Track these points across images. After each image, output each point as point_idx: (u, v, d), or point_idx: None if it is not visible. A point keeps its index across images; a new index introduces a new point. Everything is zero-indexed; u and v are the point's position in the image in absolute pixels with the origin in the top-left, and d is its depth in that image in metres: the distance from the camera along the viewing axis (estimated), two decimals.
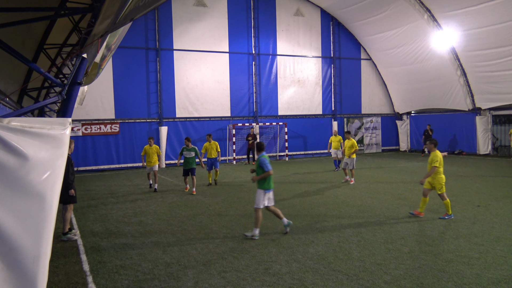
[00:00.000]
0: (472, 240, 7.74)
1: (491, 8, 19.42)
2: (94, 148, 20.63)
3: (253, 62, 24.50)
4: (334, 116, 26.90)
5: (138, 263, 6.94)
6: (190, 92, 22.91)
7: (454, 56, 23.15)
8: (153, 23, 21.96)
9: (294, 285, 5.84)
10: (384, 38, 25.62)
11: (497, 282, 5.77)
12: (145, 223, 9.68)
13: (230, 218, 9.99)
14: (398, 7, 23.06)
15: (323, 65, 26.64)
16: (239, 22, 24.06)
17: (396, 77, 27.44)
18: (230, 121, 23.87)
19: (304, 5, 25.82)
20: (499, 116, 23.84)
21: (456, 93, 24.42)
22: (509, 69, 20.96)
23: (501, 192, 12.53)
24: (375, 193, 12.91)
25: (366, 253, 7.13)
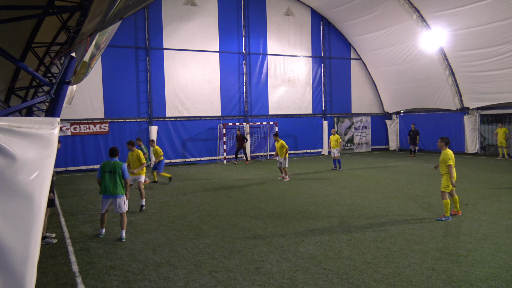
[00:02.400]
0: (460, 238, 7.83)
1: (479, 8, 19.65)
2: (83, 148, 20.45)
3: (244, 62, 24.49)
4: (324, 116, 27.01)
5: (128, 263, 6.90)
6: (180, 91, 22.82)
7: (442, 56, 23.38)
8: (143, 22, 21.83)
9: (285, 284, 5.85)
10: (373, 38, 25.78)
11: (485, 279, 5.84)
12: (135, 223, 9.62)
13: (221, 218, 9.98)
14: (387, 7, 23.22)
15: (313, 64, 26.73)
16: (230, 21, 24.03)
17: (385, 76, 27.64)
18: (221, 120, 23.83)
19: (294, 5, 25.87)
20: (487, 115, 24.14)
21: (445, 92, 24.67)
22: (496, 69, 21.23)
23: (488, 191, 12.70)
24: (365, 192, 12.99)
25: (356, 251, 7.17)
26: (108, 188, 8.29)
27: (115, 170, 8.33)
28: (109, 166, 8.39)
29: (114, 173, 8.30)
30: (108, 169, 8.35)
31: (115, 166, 8.38)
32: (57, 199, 12.90)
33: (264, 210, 10.75)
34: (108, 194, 8.34)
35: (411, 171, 17.75)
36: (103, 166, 8.44)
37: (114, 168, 8.36)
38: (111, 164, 8.41)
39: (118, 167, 8.38)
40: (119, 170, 8.35)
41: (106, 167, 8.39)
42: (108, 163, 8.45)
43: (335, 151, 18.63)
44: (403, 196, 12.08)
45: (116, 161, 8.46)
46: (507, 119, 23.33)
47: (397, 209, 10.45)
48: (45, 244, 8.09)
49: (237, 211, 10.72)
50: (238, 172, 18.68)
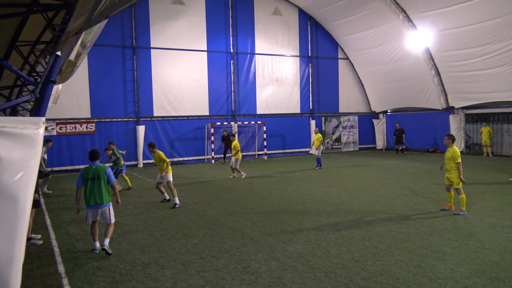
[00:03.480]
0: (446, 236, 7.94)
1: (463, 9, 19.93)
2: (69, 148, 20.20)
3: (232, 61, 24.46)
4: (312, 115, 27.12)
5: (115, 264, 6.84)
6: (168, 90, 22.70)
7: (428, 56, 23.66)
8: (129, 21, 21.65)
9: (273, 283, 5.87)
10: (360, 38, 25.97)
11: (470, 276, 5.93)
12: (122, 224, 9.55)
13: (209, 218, 9.96)
14: (374, 8, 23.40)
15: (301, 64, 26.81)
16: (217, 20, 23.97)
17: (372, 76, 27.86)
18: (209, 120, 23.77)
19: (282, 5, 25.92)
20: (471, 115, 24.51)
21: (431, 92, 24.98)
22: (481, 69, 21.55)
23: (473, 189, 12.89)
24: (353, 191, 13.08)
25: (343, 250, 7.22)
26: (93, 198, 7.38)
27: (99, 176, 7.40)
28: (91, 172, 7.43)
29: (98, 180, 7.39)
30: (91, 176, 7.40)
31: (98, 171, 7.43)
32: (42, 199, 12.74)
33: (252, 209, 10.75)
34: (93, 205, 7.41)
35: (398, 170, 17.93)
36: (84, 173, 7.46)
37: (97, 173, 7.41)
38: (94, 170, 7.44)
39: (102, 171, 7.44)
40: (103, 175, 7.43)
41: (88, 174, 7.43)
42: (89, 169, 7.46)
43: (315, 150, 18.98)
44: (390, 195, 12.20)
45: (99, 165, 7.51)
46: (491, 118, 23.72)
47: (384, 207, 10.54)
48: (30, 246, 7.97)
49: (225, 210, 10.71)
50: (226, 172, 18.66)
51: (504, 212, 9.70)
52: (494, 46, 20.23)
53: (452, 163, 9.63)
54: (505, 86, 21.01)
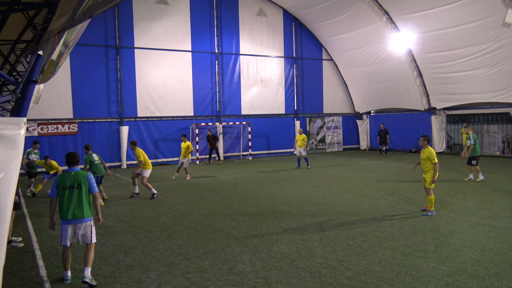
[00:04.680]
0: (428, 234, 8.07)
1: (445, 12, 20.29)
2: (51, 149, 19.83)
3: (216, 61, 24.40)
4: (297, 116, 27.24)
5: (98, 266, 6.76)
6: (152, 91, 22.53)
7: (411, 57, 24.01)
8: (113, 20, 21.42)
9: (258, 283, 5.87)
10: (344, 39, 26.20)
11: (451, 274, 6.04)
12: (105, 225, 9.44)
13: (194, 219, 9.92)
14: (357, 9, 23.64)
15: (286, 65, 26.92)
16: (202, 20, 23.89)
17: (356, 77, 28.13)
18: (193, 120, 23.67)
19: (267, 5, 25.98)
20: (453, 115, 24.96)
21: (413, 93, 25.34)
22: (461, 71, 21.97)
23: (454, 188, 13.12)
24: (337, 191, 13.19)
25: (328, 250, 7.27)
26: (70, 211, 6.05)
27: (79, 184, 6.11)
28: (69, 179, 6.11)
29: (78, 188, 6.10)
30: (69, 184, 6.09)
31: (78, 178, 6.14)
32: (23, 201, 12.52)
33: (237, 210, 10.75)
34: (71, 219, 6.05)
35: (381, 170, 18.13)
36: (60, 181, 6.12)
37: (77, 180, 6.12)
38: (72, 176, 6.13)
39: (84, 178, 6.16)
40: (85, 183, 6.15)
41: (65, 181, 6.10)
42: (67, 176, 6.15)
43: (301, 150, 19.11)
44: (374, 195, 12.34)
45: (78, 171, 6.23)
46: (471, 119, 24.20)
47: (368, 207, 10.65)
48: (11, 249, 7.81)
49: (210, 211, 10.68)
50: (211, 172, 18.61)
51: (484, 211, 9.90)
52: (474, 48, 20.64)
53: (428, 163, 9.67)
54: (485, 88, 21.46)
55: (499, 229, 8.33)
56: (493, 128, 23.35)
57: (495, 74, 20.64)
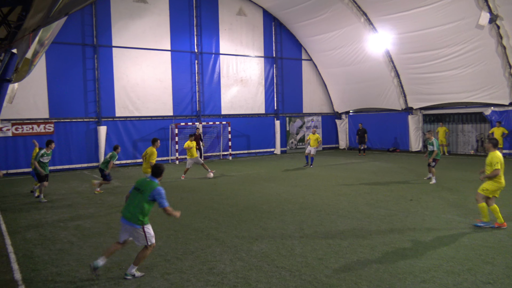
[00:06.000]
0: (405, 232, 8.22)
1: (421, 13, 20.69)
2: (26, 150, 19.35)
3: (196, 61, 24.27)
4: (277, 116, 27.33)
5: (76, 269, 6.64)
6: (130, 90, 22.24)
7: (388, 58, 24.39)
8: (90, 18, 21.04)
9: (238, 283, 5.88)
10: (323, 40, 26.42)
11: (428, 270, 6.17)
12: (83, 227, 9.28)
13: (173, 219, 9.83)
14: (336, 10, 23.87)
15: (266, 65, 26.98)
16: (181, 20, 23.72)
17: (335, 77, 28.41)
18: (173, 120, 23.48)
19: (246, 5, 25.97)
20: (429, 115, 25.49)
21: (391, 93, 25.75)
22: (437, 71, 22.45)
23: (430, 187, 13.41)
24: (316, 190, 13.30)
25: (308, 248, 7.33)
26: (126, 210, 6.31)
27: (143, 190, 6.29)
28: (142, 183, 6.44)
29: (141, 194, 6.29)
30: (137, 186, 6.43)
31: (146, 185, 6.33)
32: None
33: (217, 210, 10.72)
34: (123, 217, 6.31)
35: (360, 169, 18.37)
36: (137, 181, 6.58)
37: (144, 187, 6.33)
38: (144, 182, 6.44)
39: (151, 189, 6.28)
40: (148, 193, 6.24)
41: (138, 183, 6.49)
42: (142, 180, 6.55)
43: (312, 149, 19.56)
44: (352, 194, 12.49)
45: (152, 181, 6.41)
46: (447, 118, 24.77)
47: (347, 206, 10.78)
48: None
49: (190, 211, 10.62)
50: (191, 172, 18.51)
51: (459, 209, 10.15)
52: (449, 49, 21.11)
53: (489, 169, 8.44)
54: (460, 88, 21.99)
55: (473, 225, 8.55)
56: (467, 128, 23.94)
57: (469, 75, 21.17)
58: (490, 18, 18.27)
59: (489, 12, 18.27)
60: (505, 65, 19.69)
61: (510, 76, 19.94)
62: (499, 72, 20.04)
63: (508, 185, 13.30)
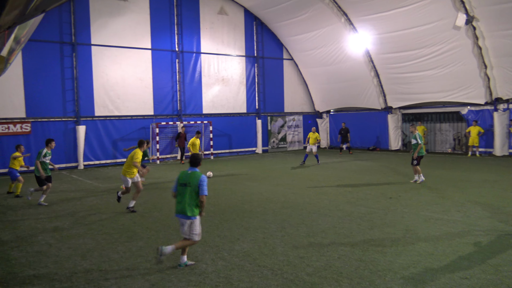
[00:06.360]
0: (385, 229, 8.34)
1: (400, 14, 21.00)
2: (1, 150, 18.90)
3: (177, 60, 24.09)
4: (258, 115, 27.36)
5: (54, 271, 6.52)
6: (110, 89, 21.92)
7: (368, 58, 24.68)
8: (68, 16, 20.64)
9: (220, 283, 5.87)
10: (304, 39, 26.57)
11: (407, 267, 6.28)
12: (61, 228, 9.11)
13: (154, 219, 9.76)
14: (317, 10, 24.03)
15: (247, 64, 26.97)
16: (162, 18, 23.50)
17: (316, 77, 28.61)
18: (153, 119, 23.25)
19: (228, 4, 25.91)
20: (408, 114, 25.91)
21: (371, 93, 26.08)
22: (415, 71, 22.84)
23: (409, 185, 13.63)
24: (298, 189, 13.37)
25: (289, 247, 7.37)
26: (179, 206, 6.59)
27: (189, 183, 6.52)
28: (185, 177, 6.63)
29: (189, 187, 6.53)
30: (182, 182, 6.62)
31: (190, 178, 6.56)
32: None
33: None
34: (178, 214, 6.63)
35: (341, 168, 18.56)
36: (179, 178, 6.72)
37: (189, 180, 6.55)
38: (187, 176, 6.62)
39: (195, 179, 6.50)
40: (195, 183, 6.48)
41: (181, 179, 6.65)
42: (184, 174, 6.69)
43: (312, 147, 20.34)
44: (333, 192, 12.60)
45: (194, 171, 6.65)
46: (425, 117, 25.24)
47: (328, 204, 10.87)
48: None
49: (171, 211, 10.52)
50: (172, 172, 18.38)
51: (437, 206, 10.35)
52: (427, 50, 21.50)
53: None
54: (437, 88, 22.42)
55: (450, 222, 8.74)
56: (445, 127, 24.45)
57: (446, 75, 21.61)
58: (466, 20, 18.68)
59: (466, 13, 18.69)
60: (481, 66, 20.17)
61: (485, 76, 20.45)
62: (475, 72, 20.53)
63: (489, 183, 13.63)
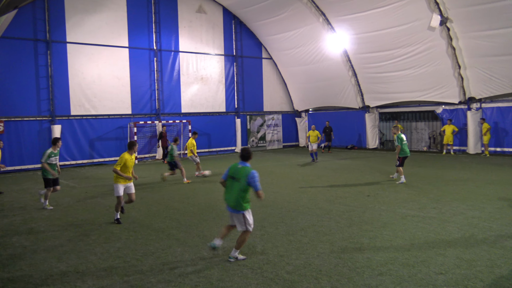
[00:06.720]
0: (363, 227, 8.46)
1: (376, 15, 21.31)
2: None
3: (155, 58, 23.83)
4: (237, 114, 27.34)
5: (29, 274, 6.36)
6: (86, 88, 21.51)
7: (346, 57, 24.95)
8: (42, 13, 20.14)
9: (200, 283, 5.84)
10: (283, 39, 26.67)
11: (385, 263, 6.38)
12: (36, 230, 8.89)
13: (133, 220, 9.63)
14: (296, 10, 24.15)
15: (226, 63, 26.91)
16: (139, 16, 23.19)
17: (295, 76, 28.76)
18: (131, 118, 22.94)
19: (206, 3, 25.77)
20: (385, 113, 26.33)
21: (348, 92, 26.39)
22: (392, 71, 23.22)
23: (387, 182, 13.85)
24: (277, 187, 13.42)
25: (269, 246, 7.39)
26: (228, 199, 6.83)
27: (240, 178, 6.65)
28: (236, 171, 6.77)
29: (238, 182, 6.67)
30: (232, 175, 6.80)
31: (240, 173, 6.68)
32: None
33: (178, 209, 10.60)
34: (228, 206, 6.85)
35: (320, 166, 18.71)
36: (230, 170, 6.89)
37: (239, 175, 6.69)
38: (238, 170, 6.75)
39: (245, 175, 6.60)
40: (244, 179, 6.58)
41: (232, 172, 6.82)
42: (235, 167, 6.82)
43: (314, 145, 20.50)
44: (312, 190, 12.70)
45: (244, 166, 6.74)
46: (401, 116, 25.69)
47: (307, 202, 10.95)
48: None
49: (150, 212, 10.43)
50: (151, 172, 18.17)
51: (413, 203, 10.56)
52: (403, 50, 21.89)
53: None
54: (413, 87, 22.86)
55: (426, 219, 8.93)
56: (420, 125, 24.94)
57: (421, 75, 22.05)
58: (441, 21, 19.09)
59: (440, 14, 19.09)
60: (455, 66, 20.66)
61: (459, 76, 20.95)
62: (449, 72, 21.01)
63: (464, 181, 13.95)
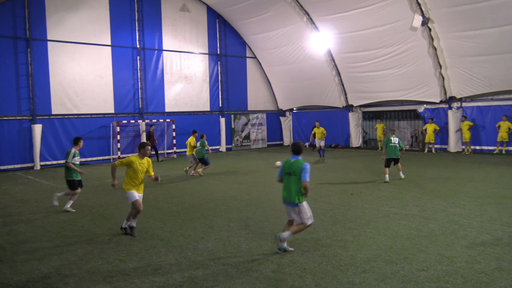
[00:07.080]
0: (347, 225, 8.54)
1: (360, 15, 21.51)
2: None
3: (138, 57, 23.59)
4: (222, 113, 27.27)
5: (9, 277, 6.24)
6: (68, 86, 21.17)
7: (330, 57, 25.12)
8: (22, 10, 19.74)
9: (184, 283, 5.81)
10: (267, 38, 26.71)
11: (368, 261, 6.46)
12: (16, 232, 8.72)
13: (116, 221, 9.53)
14: (280, 9, 24.20)
15: (210, 62, 26.81)
16: (122, 14, 22.92)
17: (279, 75, 28.84)
18: (114, 118, 22.68)
19: (190, 1, 25.62)
20: (368, 112, 26.62)
21: (332, 91, 26.58)
22: (375, 71, 23.48)
23: (371, 181, 14.00)
24: (262, 186, 13.44)
25: (254, 245, 7.40)
26: (285, 194, 7.15)
27: (294, 172, 6.96)
28: (289, 166, 7.08)
29: (294, 176, 6.99)
30: (287, 170, 7.10)
31: (294, 166, 6.99)
32: None
33: (162, 209, 10.53)
34: (285, 201, 7.19)
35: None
36: (284, 167, 7.19)
37: (293, 169, 7.00)
38: (291, 164, 7.06)
39: (298, 168, 6.92)
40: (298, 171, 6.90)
41: (286, 168, 7.12)
42: (288, 163, 7.14)
43: (321, 142, 20.72)
44: None
45: (297, 160, 7.06)
46: (384, 115, 26.00)
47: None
48: None
49: None
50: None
51: (396, 201, 10.70)
52: (385, 50, 22.15)
53: None
54: (395, 87, 23.15)
55: (408, 216, 9.06)
56: (403, 124, 25.28)
57: (403, 74, 22.35)
58: (422, 21, 19.38)
59: (422, 15, 19.37)
60: (436, 65, 21.00)
61: (440, 75, 21.30)
62: (431, 72, 21.34)
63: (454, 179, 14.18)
